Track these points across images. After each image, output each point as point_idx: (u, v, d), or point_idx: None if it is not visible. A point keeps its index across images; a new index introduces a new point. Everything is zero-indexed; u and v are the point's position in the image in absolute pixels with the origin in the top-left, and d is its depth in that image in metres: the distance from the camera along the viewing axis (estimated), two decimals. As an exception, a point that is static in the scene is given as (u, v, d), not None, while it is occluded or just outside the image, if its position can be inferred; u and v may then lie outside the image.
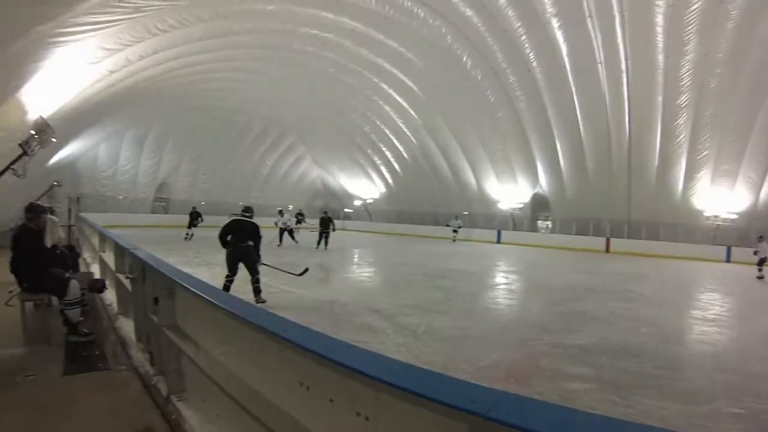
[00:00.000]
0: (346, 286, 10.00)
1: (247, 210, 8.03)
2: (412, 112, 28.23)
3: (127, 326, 5.31)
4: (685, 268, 18.49)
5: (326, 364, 1.64)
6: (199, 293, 2.70)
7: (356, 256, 17.56)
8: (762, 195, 23.08)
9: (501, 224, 30.47)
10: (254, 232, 7.70)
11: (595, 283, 12.13)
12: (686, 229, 24.61)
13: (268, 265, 8.20)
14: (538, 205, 29.79)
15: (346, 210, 38.71)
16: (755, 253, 16.50)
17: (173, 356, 3.40)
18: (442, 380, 1.48)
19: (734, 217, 23.74)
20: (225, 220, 8.34)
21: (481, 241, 28.54)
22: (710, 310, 9.28)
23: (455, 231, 27.88)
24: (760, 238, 16.61)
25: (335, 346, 1.78)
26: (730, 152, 22.48)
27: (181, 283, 3.05)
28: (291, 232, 20.28)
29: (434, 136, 29.34)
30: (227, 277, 7.54)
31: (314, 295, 8.20)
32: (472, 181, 30.56)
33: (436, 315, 7.24)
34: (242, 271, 7.62)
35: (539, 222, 30.92)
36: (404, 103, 27.71)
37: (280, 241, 19.31)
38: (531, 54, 22.04)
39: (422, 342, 5.79)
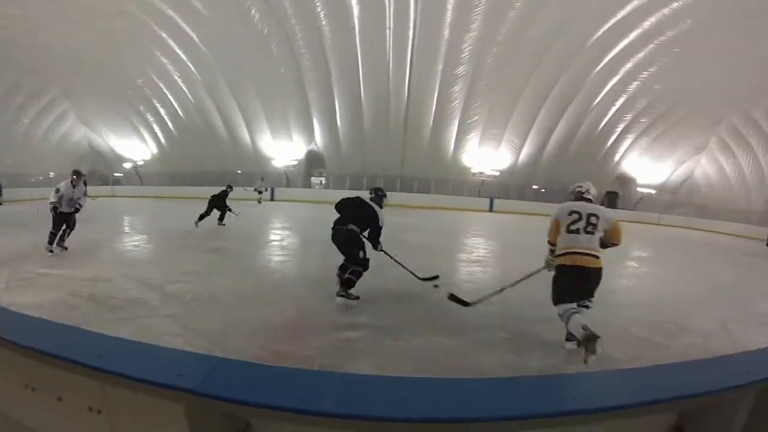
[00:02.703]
0: (110, 259, 8.75)
1: (372, 191, 6.51)
2: (191, 66, 26.07)
3: None
4: (454, 217, 20.60)
5: (47, 361, 1.47)
6: None
7: (126, 224, 15.65)
8: (521, 157, 28.13)
9: (275, 181, 30.16)
10: (367, 214, 6.19)
11: (368, 234, 12.69)
12: (455, 184, 27.92)
13: (389, 255, 6.72)
14: (313, 161, 30.36)
15: (115, 174, 34.20)
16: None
17: None
18: (164, 355, 1.48)
19: (497, 174, 28.03)
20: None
21: (254, 199, 27.49)
22: (474, 252, 10.42)
23: (260, 192, 26.11)
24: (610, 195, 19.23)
25: (57, 339, 1.63)
26: (497, 119, 26.31)
27: None
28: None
29: (212, 93, 27.60)
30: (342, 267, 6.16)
31: (75, 275, 7.02)
32: (247, 138, 29.73)
33: (207, 279, 6.82)
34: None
35: (313, 178, 31.51)
36: (183, 56, 25.43)
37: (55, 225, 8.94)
38: (322, 13, 22.07)
39: (191, 310, 5.34)
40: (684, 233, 23.36)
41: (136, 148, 32.92)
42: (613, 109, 26.79)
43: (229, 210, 14.36)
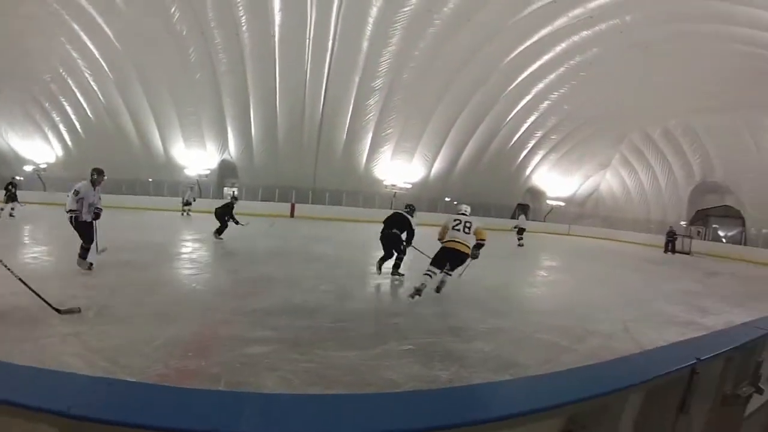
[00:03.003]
0: (4, 272, 7.83)
1: (406, 206, 9.41)
2: (103, 63, 24.36)
3: None
4: (365, 229, 19.97)
5: None
6: None
7: (25, 233, 14.14)
8: (434, 170, 28.93)
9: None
10: (403, 222, 8.85)
11: (279, 246, 12.47)
12: (367, 196, 28.10)
13: (418, 250, 9.36)
14: (226, 171, 29.58)
15: (17, 177, 30.90)
16: (514, 227, 19.39)
17: None
18: (44, 377, 1.30)
19: (409, 186, 28.47)
20: None
21: (163, 209, 25.33)
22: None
23: (188, 203, 24.08)
24: (522, 208, 19.93)
25: None
26: (411, 133, 26.90)
27: None
28: None
29: (124, 95, 25.89)
30: (381, 258, 8.85)
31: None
32: (159, 144, 28.08)
33: (113, 294, 6.29)
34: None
35: (225, 189, 30.42)
36: (95, 51, 23.73)
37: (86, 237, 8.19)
38: (243, 17, 21.59)
39: (93, 327, 4.90)
40: (591, 243, 24.90)
41: (39, 150, 29.84)
42: (525, 125, 28.26)
43: (236, 222, 13.49)
